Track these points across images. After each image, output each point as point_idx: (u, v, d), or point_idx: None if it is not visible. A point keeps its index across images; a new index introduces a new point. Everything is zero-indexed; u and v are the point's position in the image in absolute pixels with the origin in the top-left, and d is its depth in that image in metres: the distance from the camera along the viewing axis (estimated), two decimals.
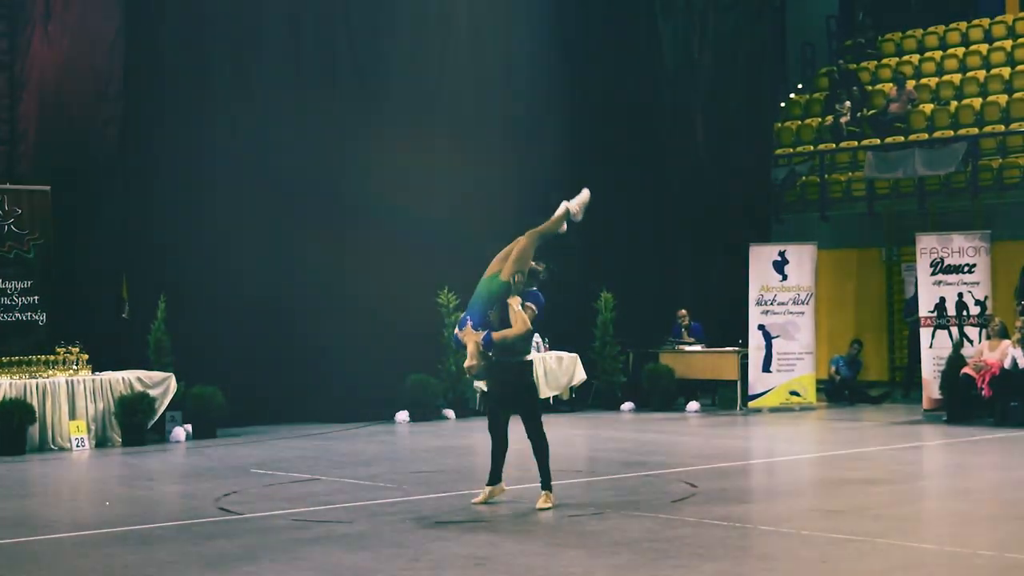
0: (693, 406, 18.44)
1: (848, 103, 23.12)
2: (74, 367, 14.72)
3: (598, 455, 13.74)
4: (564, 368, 18.52)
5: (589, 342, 19.04)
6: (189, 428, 15.34)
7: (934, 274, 17.40)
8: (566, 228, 10.07)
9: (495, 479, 10.00)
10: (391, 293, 17.58)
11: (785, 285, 18.45)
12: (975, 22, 24.61)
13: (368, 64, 18.04)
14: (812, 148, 23.35)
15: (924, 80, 23.61)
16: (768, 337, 18.33)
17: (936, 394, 17.00)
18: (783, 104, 25.01)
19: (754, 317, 18.44)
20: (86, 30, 15.97)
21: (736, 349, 18.41)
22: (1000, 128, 21.44)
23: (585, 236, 19.57)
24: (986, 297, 17.10)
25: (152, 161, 16.42)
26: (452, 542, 8.50)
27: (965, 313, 17.13)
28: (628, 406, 18.78)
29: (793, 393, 18.27)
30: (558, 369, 18.43)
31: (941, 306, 17.30)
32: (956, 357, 16.58)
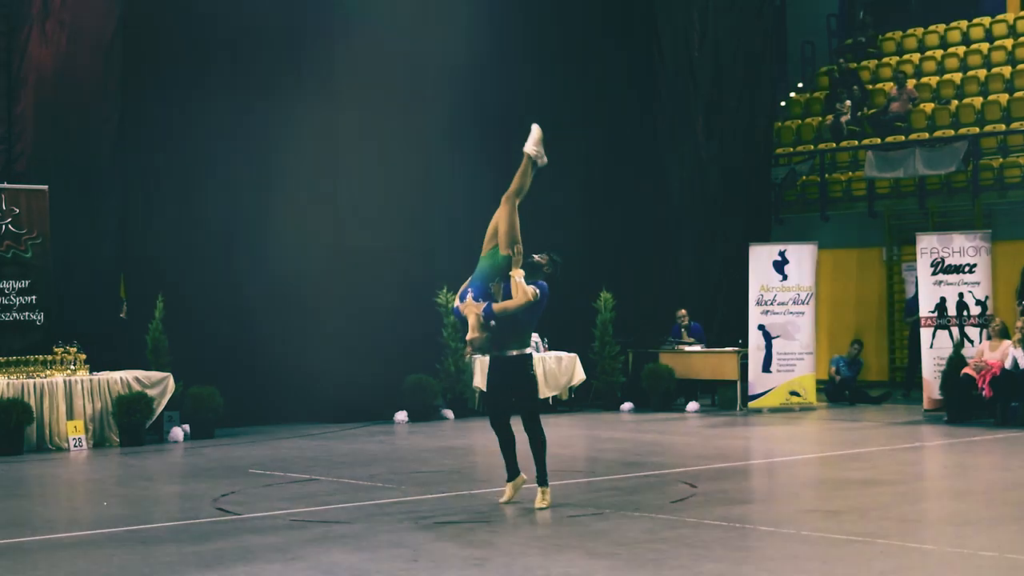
0: (693, 406, 18.42)
1: (848, 102, 23.10)
2: (72, 367, 14.69)
3: (598, 455, 13.71)
4: (563, 368, 18.50)
5: (589, 342, 19.02)
6: (187, 428, 15.32)
7: (935, 274, 17.39)
8: (532, 158, 10.00)
9: (514, 473, 9.96)
10: (390, 293, 17.58)
11: (785, 285, 18.43)
12: (976, 21, 24.58)
13: (367, 64, 18.02)
14: (812, 147, 23.34)
15: (925, 79, 23.58)
16: (768, 337, 18.31)
17: (937, 394, 16.98)
18: (783, 103, 25.00)
19: (754, 317, 18.42)
20: (84, 29, 15.95)
21: (736, 349, 18.39)
22: (1001, 127, 21.41)
23: (585, 236, 19.79)
24: (987, 297, 17.09)
25: (150, 160, 16.41)
26: (451, 542, 8.48)
27: (966, 313, 17.11)
28: (628, 406, 18.76)
29: (793, 393, 18.25)
30: (557, 369, 18.40)
31: (942, 306, 17.28)
32: (957, 357, 16.56)
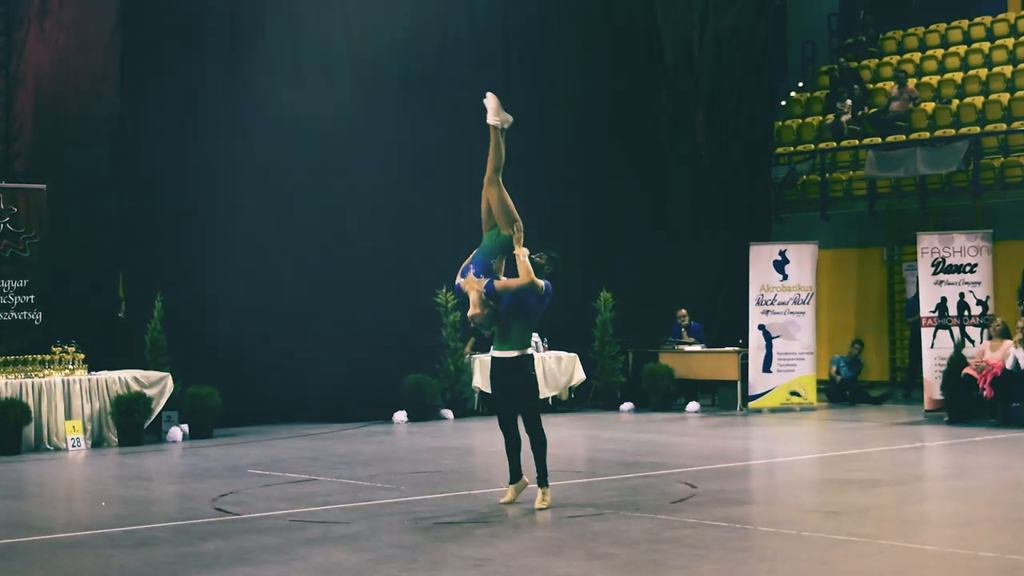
0: (693, 406, 18.38)
1: (849, 101, 23.07)
2: (70, 366, 14.65)
3: (597, 456, 13.68)
4: (563, 368, 18.47)
5: (589, 342, 18.98)
6: (186, 428, 15.28)
7: (935, 274, 17.36)
8: (498, 127, 9.92)
9: (516, 476, 9.98)
10: (390, 293, 17.54)
11: (785, 285, 18.40)
12: (977, 20, 24.55)
13: (366, 63, 17.98)
14: (813, 147, 23.30)
15: (925, 78, 23.55)
16: (768, 337, 18.28)
17: (937, 395, 16.95)
18: (784, 103, 24.97)
19: (754, 317, 18.39)
20: (82, 27, 15.92)
21: (736, 349, 18.36)
22: (1002, 127, 21.37)
23: (585, 236, 19.75)
24: (988, 297, 17.06)
25: (149, 159, 16.37)
26: (450, 543, 8.45)
27: (966, 313, 17.08)
28: (627, 406, 18.73)
29: (793, 393, 18.22)
30: (557, 369, 18.37)
31: (942, 306, 17.25)
32: (957, 357, 16.52)
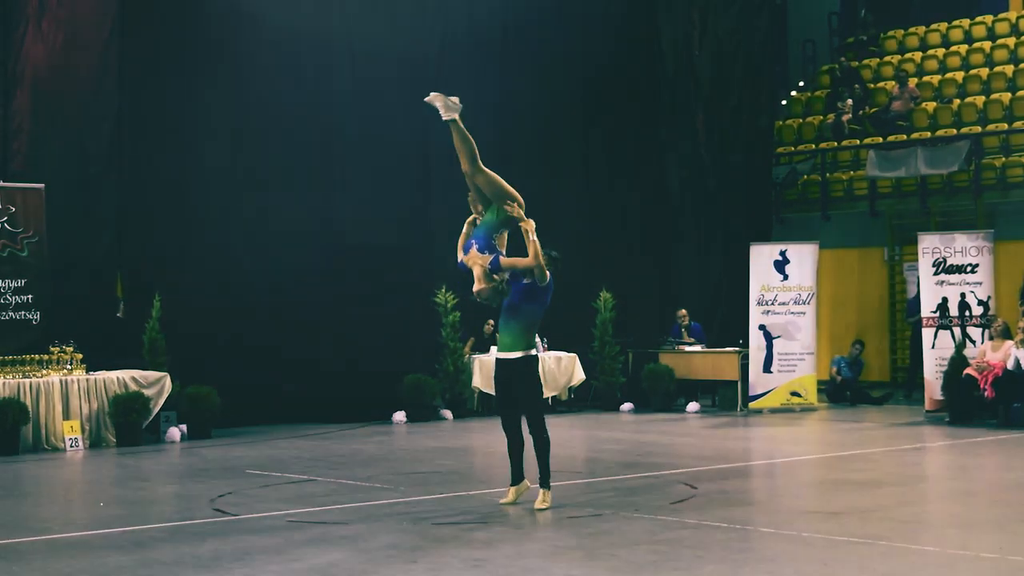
0: (693, 407, 18.36)
1: (850, 101, 23.06)
2: (68, 367, 14.61)
3: (598, 456, 13.65)
4: (563, 368, 18.44)
5: (588, 342, 18.95)
6: (184, 428, 15.25)
7: (936, 274, 17.33)
8: (456, 120, 10.06)
9: (518, 478, 9.96)
10: (389, 293, 17.52)
11: (786, 285, 18.37)
12: (978, 19, 24.55)
13: (365, 62, 17.95)
14: (813, 147, 23.29)
15: (927, 78, 23.54)
16: (769, 337, 18.26)
17: (938, 395, 16.92)
18: (784, 102, 24.96)
19: (755, 317, 18.37)
20: (80, 26, 15.88)
21: (736, 349, 18.33)
22: (1003, 126, 21.36)
23: (585, 236, 19.72)
24: (989, 297, 17.03)
25: (147, 159, 16.34)
26: (450, 543, 8.42)
27: (968, 313, 17.05)
28: (628, 406, 18.70)
29: (794, 394, 18.19)
30: (557, 369, 18.34)
31: (943, 306, 17.22)
32: (958, 358, 16.49)
